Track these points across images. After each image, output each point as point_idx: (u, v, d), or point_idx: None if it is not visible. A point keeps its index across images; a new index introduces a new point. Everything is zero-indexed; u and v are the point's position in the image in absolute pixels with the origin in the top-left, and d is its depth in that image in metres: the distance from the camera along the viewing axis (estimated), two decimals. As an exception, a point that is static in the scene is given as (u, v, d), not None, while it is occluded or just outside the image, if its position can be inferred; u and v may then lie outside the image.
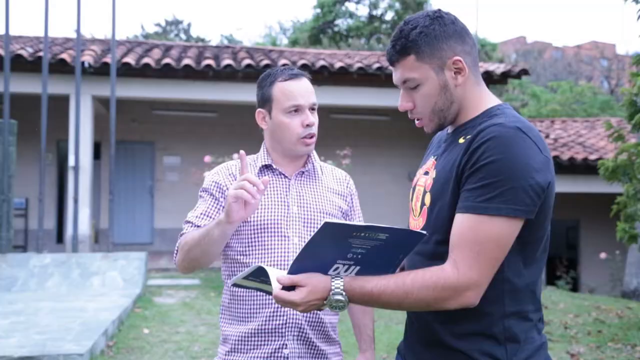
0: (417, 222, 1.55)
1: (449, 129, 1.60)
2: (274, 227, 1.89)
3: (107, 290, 7.22)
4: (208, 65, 10.23)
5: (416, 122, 1.60)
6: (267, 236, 1.88)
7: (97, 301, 6.53)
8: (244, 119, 12.39)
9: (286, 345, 1.85)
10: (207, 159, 8.54)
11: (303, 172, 2.03)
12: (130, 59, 10.12)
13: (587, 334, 5.98)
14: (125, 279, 7.50)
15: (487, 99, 1.54)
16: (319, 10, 27.88)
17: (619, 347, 5.49)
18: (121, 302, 6.49)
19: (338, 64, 10.72)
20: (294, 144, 1.98)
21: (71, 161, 9.32)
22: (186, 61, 10.22)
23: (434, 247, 1.48)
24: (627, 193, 6.43)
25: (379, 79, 10.95)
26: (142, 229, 12.57)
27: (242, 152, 1.80)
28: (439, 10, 1.55)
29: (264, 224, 1.89)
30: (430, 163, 1.59)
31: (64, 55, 9.80)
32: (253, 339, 1.86)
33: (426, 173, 1.58)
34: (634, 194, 6.36)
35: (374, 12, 28.20)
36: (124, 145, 11.75)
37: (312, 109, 2.02)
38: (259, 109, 2.03)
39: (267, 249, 1.87)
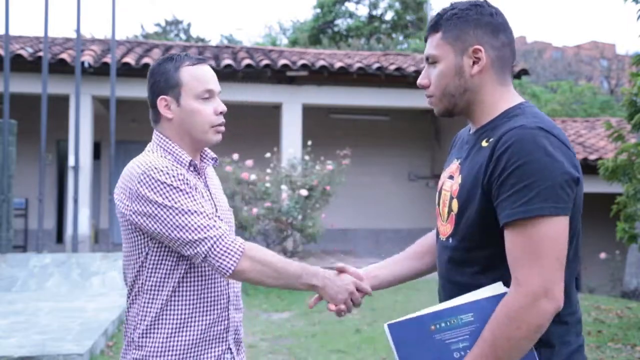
0: (445, 228, 1.55)
1: (471, 129, 1.57)
2: None
3: (107, 290, 7.22)
4: (208, 65, 10.23)
5: (427, 100, 1.59)
6: None
7: (97, 301, 6.53)
8: (244, 119, 12.42)
9: (230, 349, 1.80)
10: (207, 159, 8.54)
11: (204, 166, 1.92)
12: (130, 59, 10.11)
13: (587, 334, 5.98)
14: (125, 279, 7.49)
15: (508, 99, 1.51)
16: (318, 10, 27.87)
17: (618, 347, 5.49)
18: (121, 302, 6.48)
19: (338, 64, 10.72)
20: (205, 132, 1.82)
21: (71, 161, 9.32)
22: (186, 61, 10.22)
23: (464, 254, 1.48)
24: (627, 193, 6.42)
25: (378, 79, 10.95)
26: (142, 229, 12.56)
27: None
28: (486, 0, 1.54)
29: None
30: (454, 167, 1.56)
31: (64, 55, 9.79)
32: (197, 347, 1.74)
33: (451, 177, 1.56)
34: (634, 194, 6.35)
35: (374, 12, 28.19)
36: (124, 145, 11.74)
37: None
38: (162, 96, 1.81)
39: None
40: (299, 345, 5.30)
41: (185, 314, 1.74)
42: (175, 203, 1.67)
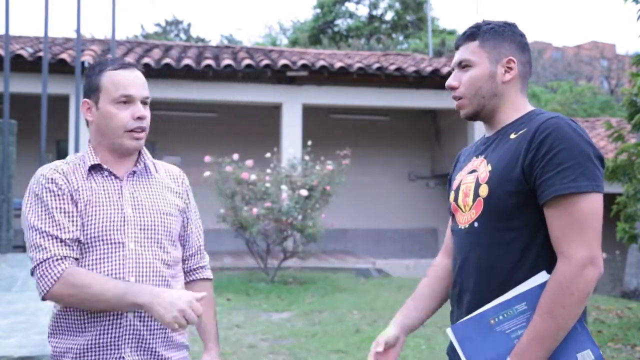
0: (467, 216, 1.66)
1: (488, 133, 1.73)
2: (107, 235, 1.74)
3: (107, 290, 7.22)
4: (208, 65, 10.24)
5: (456, 102, 1.73)
6: (100, 245, 1.74)
7: (97, 301, 6.53)
8: (244, 119, 12.43)
9: (123, 358, 1.74)
10: (207, 159, 8.54)
11: (135, 172, 1.86)
12: (130, 59, 10.09)
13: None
14: (125, 279, 7.49)
15: (526, 105, 1.70)
16: (319, 10, 27.88)
17: (618, 347, 5.49)
18: (121, 302, 6.48)
19: (338, 64, 10.72)
20: (120, 136, 1.79)
21: (71, 161, 9.29)
22: (186, 61, 10.22)
23: (494, 234, 1.58)
24: (627, 193, 6.42)
25: (378, 79, 10.95)
26: (142, 229, 12.56)
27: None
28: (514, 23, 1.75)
29: (96, 232, 1.74)
30: (477, 162, 1.69)
31: (64, 55, 9.80)
32: (88, 354, 1.73)
33: (473, 172, 1.68)
34: (634, 194, 6.35)
35: (374, 12, 28.20)
36: (124, 145, 11.73)
37: (144, 102, 1.83)
38: (84, 99, 1.83)
39: (101, 259, 1.74)
40: (299, 345, 5.30)
41: (77, 318, 1.75)
42: (29, 214, 1.75)
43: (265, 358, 4.96)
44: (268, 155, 8.70)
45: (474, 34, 1.70)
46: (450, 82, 1.71)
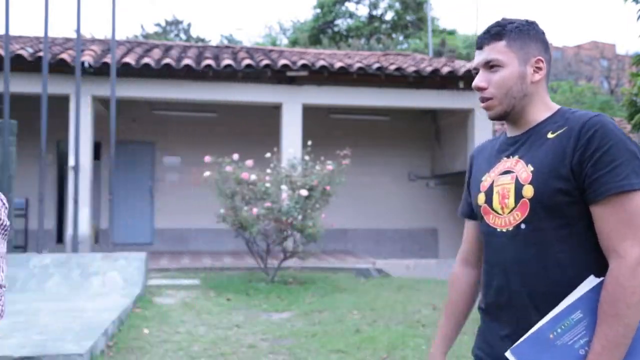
0: (508, 218, 1.62)
1: (509, 132, 1.72)
2: None
3: (107, 291, 7.22)
4: (208, 65, 10.24)
5: (483, 103, 1.71)
6: None
7: (97, 301, 6.53)
8: (244, 119, 12.43)
9: None
10: (207, 159, 8.54)
11: None
12: (130, 59, 10.12)
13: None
14: (125, 279, 7.49)
15: (552, 103, 1.70)
16: (319, 10, 27.88)
17: None
18: (121, 302, 6.48)
19: (338, 64, 10.72)
20: None
21: (71, 161, 9.30)
22: (186, 61, 10.22)
23: (544, 234, 1.56)
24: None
25: (378, 79, 10.95)
26: (142, 229, 12.57)
27: None
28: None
29: None
30: (510, 162, 1.66)
31: (64, 55, 9.79)
32: None
33: (507, 172, 1.65)
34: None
35: (374, 12, 28.20)
36: (124, 145, 11.75)
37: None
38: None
39: None
40: (299, 345, 5.30)
41: None
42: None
43: (265, 358, 4.96)
44: (268, 155, 8.70)
45: (499, 33, 1.67)
46: (479, 83, 1.69)
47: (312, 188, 8.32)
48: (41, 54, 9.24)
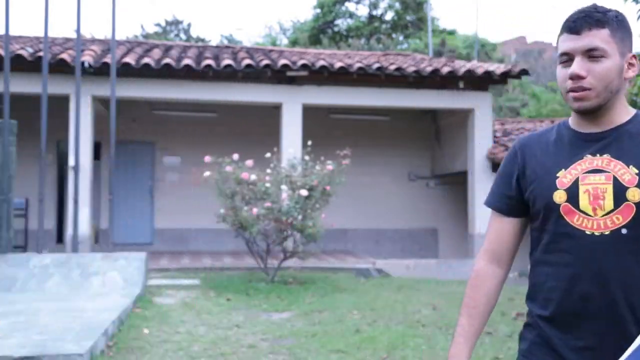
0: (604, 221, 1.52)
1: (583, 129, 1.60)
2: None
3: (107, 290, 7.22)
4: (208, 65, 10.24)
5: (576, 93, 1.54)
6: None
7: (97, 301, 6.53)
8: (244, 119, 12.43)
9: None
10: (207, 159, 8.54)
11: None
12: (130, 59, 10.12)
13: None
14: (125, 279, 7.49)
15: (629, 106, 1.64)
16: (319, 10, 27.88)
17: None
18: (121, 302, 6.48)
19: (338, 64, 10.72)
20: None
21: (71, 161, 9.30)
22: (186, 61, 10.23)
23: None
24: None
25: (378, 79, 10.95)
26: (142, 229, 12.57)
27: None
28: None
29: None
30: (600, 161, 1.55)
31: (64, 55, 9.79)
32: None
33: (597, 171, 1.54)
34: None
35: (374, 12, 28.19)
36: (124, 145, 11.75)
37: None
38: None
39: None
40: (299, 345, 5.30)
41: None
42: None
43: (265, 358, 4.96)
44: (268, 155, 8.70)
45: (602, 20, 1.53)
46: (579, 71, 1.52)
47: (312, 188, 8.32)
48: (41, 54, 9.23)
